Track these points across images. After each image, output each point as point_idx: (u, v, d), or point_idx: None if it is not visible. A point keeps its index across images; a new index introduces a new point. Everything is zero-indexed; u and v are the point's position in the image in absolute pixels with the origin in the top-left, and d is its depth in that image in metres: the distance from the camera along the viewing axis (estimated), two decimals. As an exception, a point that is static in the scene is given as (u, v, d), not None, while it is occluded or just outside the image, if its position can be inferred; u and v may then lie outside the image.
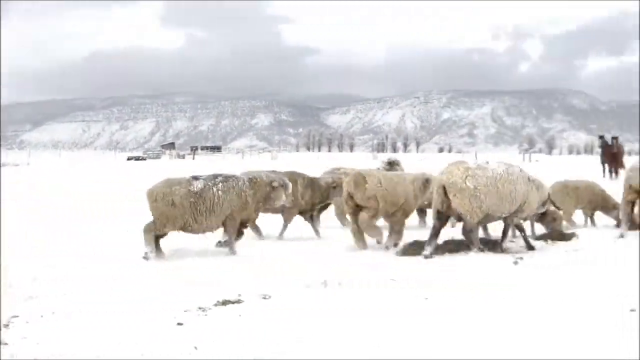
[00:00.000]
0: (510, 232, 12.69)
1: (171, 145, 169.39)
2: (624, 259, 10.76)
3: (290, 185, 12.58)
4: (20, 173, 42.90)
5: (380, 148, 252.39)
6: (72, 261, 10.77)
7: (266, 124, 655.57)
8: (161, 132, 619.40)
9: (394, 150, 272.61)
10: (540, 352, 5.99)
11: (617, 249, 12.01)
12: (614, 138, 36.21)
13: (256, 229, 13.60)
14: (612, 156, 35.08)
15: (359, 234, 12.51)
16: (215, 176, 11.74)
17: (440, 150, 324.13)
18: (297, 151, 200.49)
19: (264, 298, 8.20)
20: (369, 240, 12.54)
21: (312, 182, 14.46)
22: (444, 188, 11.60)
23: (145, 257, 11.05)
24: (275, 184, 12.12)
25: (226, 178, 11.70)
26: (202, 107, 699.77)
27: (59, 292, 8.50)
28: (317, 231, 14.22)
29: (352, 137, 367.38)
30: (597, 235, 13.77)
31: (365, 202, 12.35)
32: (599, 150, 38.06)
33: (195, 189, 11.28)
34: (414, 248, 11.57)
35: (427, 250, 11.42)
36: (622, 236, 13.27)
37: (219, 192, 11.40)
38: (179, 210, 11.19)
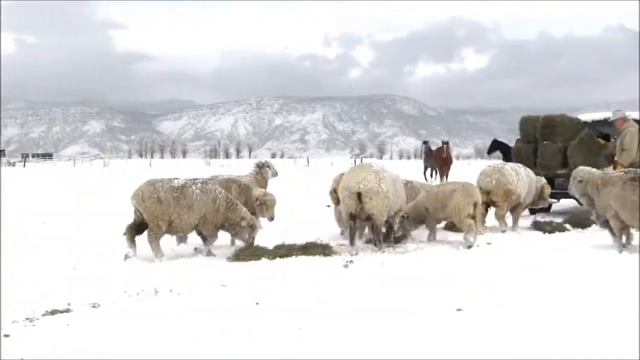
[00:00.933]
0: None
1: (1, 153, 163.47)
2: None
3: (258, 228, 12.53)
4: None
5: (213, 154, 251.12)
6: None
7: (98, 131, 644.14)
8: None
9: (227, 156, 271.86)
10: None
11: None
12: (445, 143, 37.16)
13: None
14: (442, 160, 36.00)
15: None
16: (195, 179, 12.39)
17: (273, 155, 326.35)
18: (130, 158, 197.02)
19: (94, 307, 8.05)
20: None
21: (247, 189, 14.05)
22: (359, 194, 12.11)
23: (159, 260, 11.56)
24: (244, 223, 12.13)
25: (205, 182, 12.32)
26: (32, 114, 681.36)
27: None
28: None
29: (184, 143, 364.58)
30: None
31: None
32: (424, 155, 39.16)
33: (177, 185, 11.81)
34: (245, 253, 11.64)
35: (353, 250, 12.32)
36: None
37: (198, 190, 11.89)
38: (164, 206, 11.65)
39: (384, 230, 12.86)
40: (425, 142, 40.48)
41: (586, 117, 22.03)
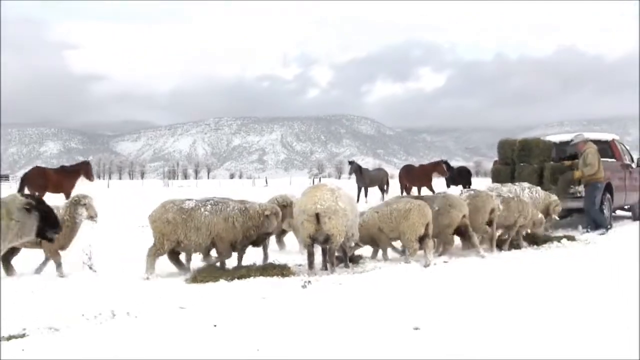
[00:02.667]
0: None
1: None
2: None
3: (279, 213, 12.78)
4: None
5: (172, 175, 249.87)
6: None
7: (55, 152, 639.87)
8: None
9: (185, 177, 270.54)
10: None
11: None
12: (445, 163, 37.13)
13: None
14: (428, 177, 35.87)
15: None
16: (207, 199, 12.53)
17: (232, 176, 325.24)
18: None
19: (50, 331, 7.93)
20: (160, 268, 12.60)
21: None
22: (317, 215, 11.90)
23: (147, 279, 11.75)
24: (267, 212, 12.41)
25: (217, 202, 12.38)
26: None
27: None
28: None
29: (143, 164, 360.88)
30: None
31: None
32: (353, 175, 39.28)
33: (186, 207, 12.13)
34: (203, 274, 11.60)
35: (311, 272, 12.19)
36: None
37: (207, 212, 12.11)
38: (172, 227, 11.96)
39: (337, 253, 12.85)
40: (351, 163, 40.35)
41: (555, 138, 24.00)
